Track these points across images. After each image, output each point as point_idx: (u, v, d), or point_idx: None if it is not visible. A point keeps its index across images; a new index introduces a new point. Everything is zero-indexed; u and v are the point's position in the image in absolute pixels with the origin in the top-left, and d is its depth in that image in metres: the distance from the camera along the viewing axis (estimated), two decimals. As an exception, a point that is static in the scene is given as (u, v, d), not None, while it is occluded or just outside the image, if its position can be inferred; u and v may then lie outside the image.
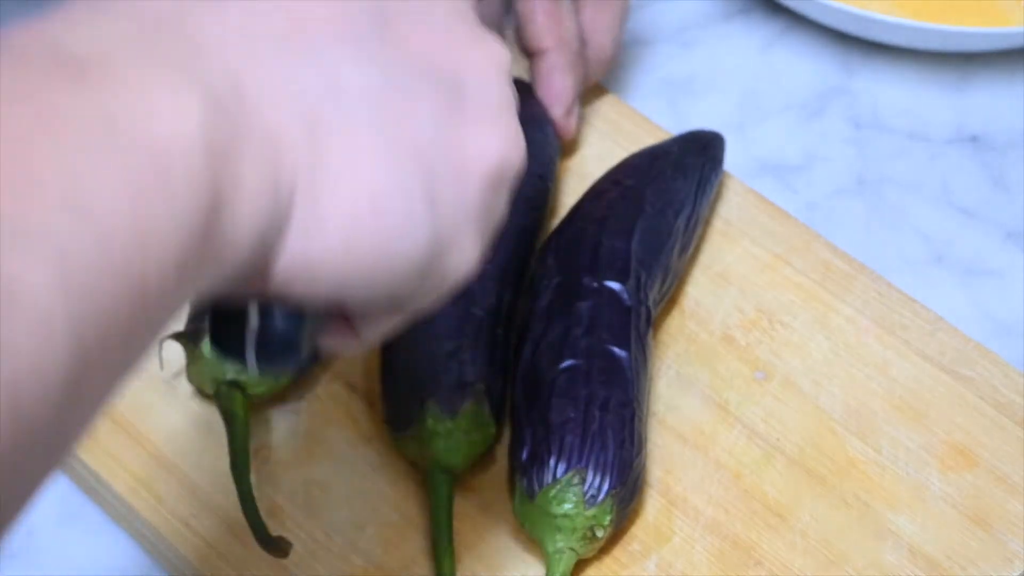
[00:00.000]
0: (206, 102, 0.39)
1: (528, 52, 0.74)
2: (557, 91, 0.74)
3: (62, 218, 0.35)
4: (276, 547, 0.60)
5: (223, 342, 0.46)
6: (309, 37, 0.43)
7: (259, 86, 0.41)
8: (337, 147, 0.42)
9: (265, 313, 0.45)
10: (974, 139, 0.79)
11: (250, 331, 0.45)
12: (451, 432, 0.63)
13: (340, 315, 0.47)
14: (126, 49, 0.39)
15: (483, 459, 0.64)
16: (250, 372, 0.47)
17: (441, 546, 0.61)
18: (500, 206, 0.48)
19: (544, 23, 0.73)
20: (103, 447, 0.65)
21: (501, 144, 0.46)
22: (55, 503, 0.66)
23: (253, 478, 0.62)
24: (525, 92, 0.73)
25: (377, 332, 0.48)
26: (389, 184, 0.43)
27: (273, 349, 0.45)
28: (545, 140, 0.72)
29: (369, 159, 0.43)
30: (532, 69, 0.74)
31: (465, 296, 0.65)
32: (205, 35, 0.41)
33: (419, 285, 0.45)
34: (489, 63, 0.47)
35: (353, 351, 0.49)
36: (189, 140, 0.38)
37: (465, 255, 0.46)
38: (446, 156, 0.45)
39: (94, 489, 0.65)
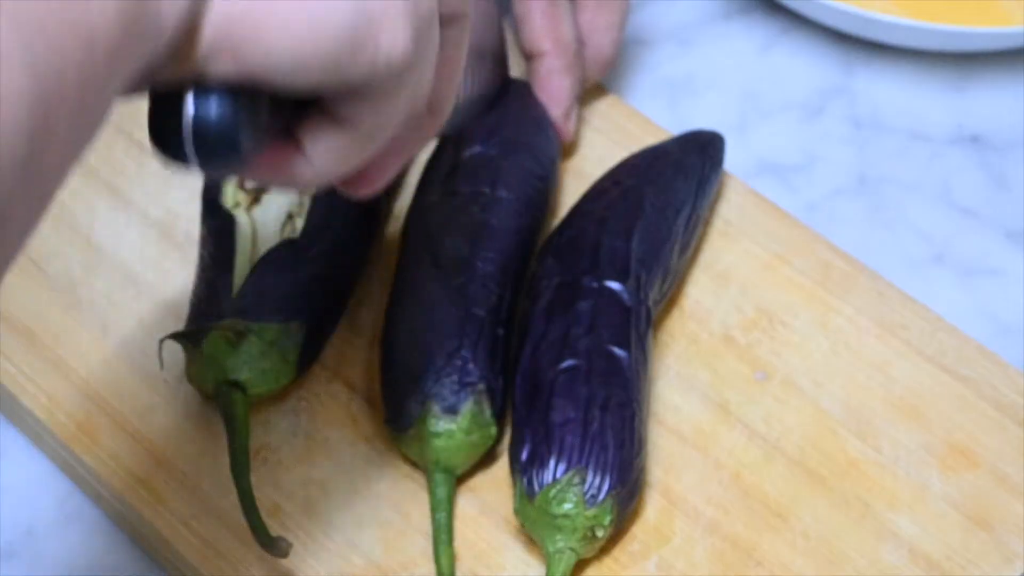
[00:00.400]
0: None
1: (526, 54, 0.74)
2: (555, 93, 0.73)
3: None
4: (276, 547, 0.59)
5: (161, 137, 0.45)
6: None
7: None
8: None
9: (201, 103, 0.44)
10: (974, 139, 0.79)
11: (186, 121, 0.44)
12: (451, 432, 0.63)
13: (287, 134, 0.47)
14: None
15: (484, 459, 0.64)
16: (191, 168, 0.46)
17: (440, 547, 0.61)
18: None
19: (542, 25, 0.73)
20: (103, 447, 0.65)
21: None
22: (55, 503, 0.66)
23: (253, 478, 0.62)
24: (525, 92, 0.74)
25: (328, 153, 0.48)
26: None
27: (211, 140, 0.45)
28: (546, 142, 0.72)
29: None
30: (530, 71, 0.74)
31: (465, 296, 0.65)
32: None
33: (350, 58, 0.45)
34: None
35: (307, 180, 0.49)
36: None
37: (396, 35, 0.46)
38: None
39: (94, 489, 0.65)
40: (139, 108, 0.44)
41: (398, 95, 0.48)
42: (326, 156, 0.49)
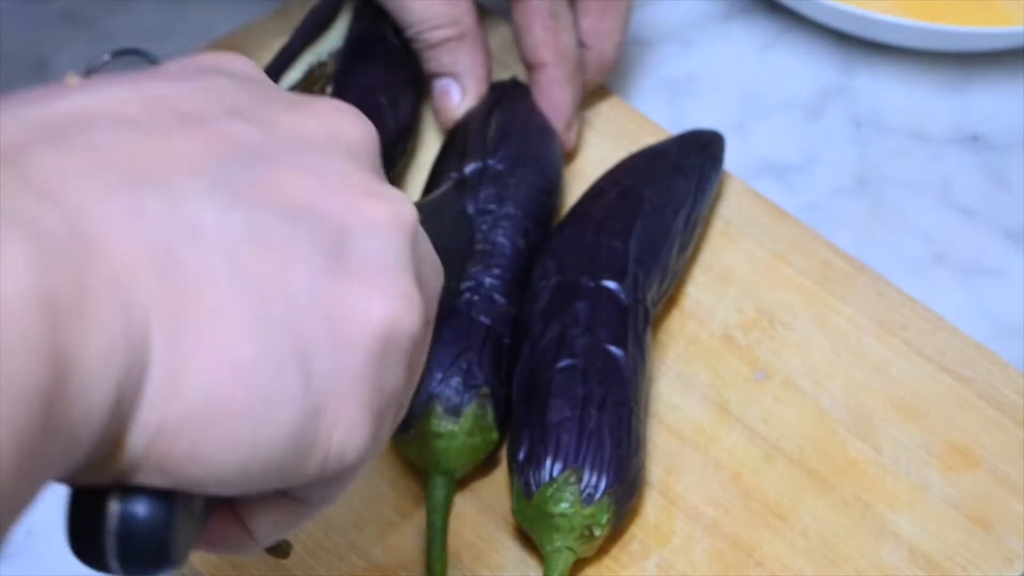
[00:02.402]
0: (38, 249, 0.34)
1: (527, 65, 0.74)
2: (557, 104, 0.73)
3: None
4: (276, 548, 0.59)
5: (80, 544, 0.39)
6: (165, 172, 0.38)
7: (104, 223, 0.36)
8: (195, 300, 0.37)
9: (127, 510, 0.38)
10: (974, 139, 0.79)
11: (110, 528, 0.38)
12: (453, 434, 0.62)
13: (226, 506, 0.42)
14: None
15: (483, 465, 0.64)
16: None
17: (434, 550, 0.61)
18: (395, 376, 0.41)
19: (542, 37, 0.72)
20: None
21: (389, 306, 0.40)
22: (55, 503, 0.66)
23: (253, 478, 0.62)
24: (529, 101, 0.73)
25: (274, 526, 0.43)
26: (253, 350, 0.38)
27: (138, 550, 0.38)
28: (551, 153, 0.72)
29: (231, 318, 0.37)
30: (531, 82, 0.74)
31: (471, 306, 0.65)
32: (45, 170, 0.36)
33: (298, 463, 0.40)
34: (385, 218, 0.41)
35: (249, 550, 0.43)
36: (20, 297, 0.34)
37: (352, 431, 0.40)
38: (324, 317, 0.39)
39: (94, 489, 0.65)
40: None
41: (354, 474, 0.43)
42: (269, 529, 0.43)
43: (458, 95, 0.73)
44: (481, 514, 0.63)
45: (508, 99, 0.73)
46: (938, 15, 0.79)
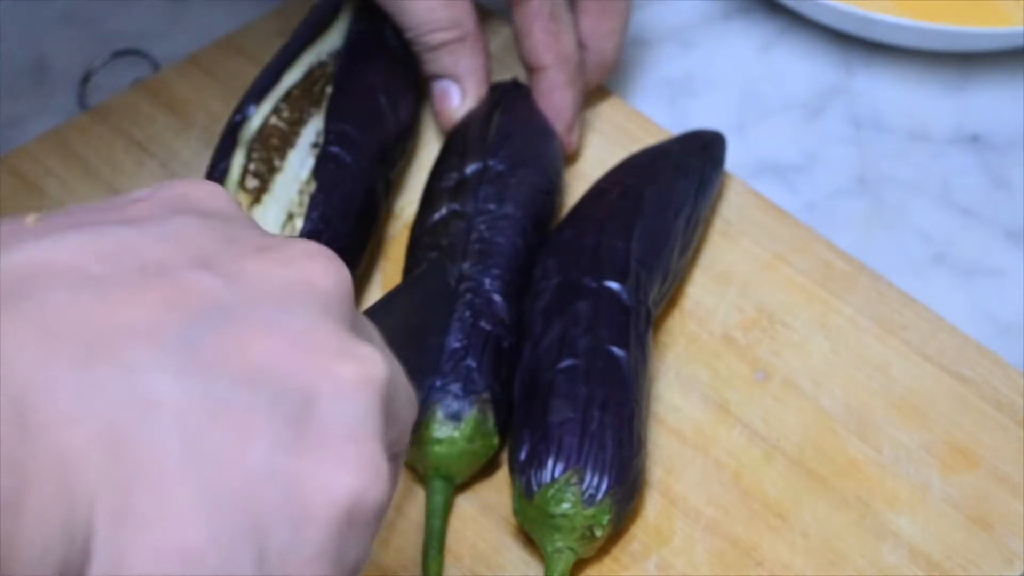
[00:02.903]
0: None
1: (527, 67, 0.73)
2: (558, 108, 0.73)
3: None
4: None
5: None
6: (121, 341, 0.36)
7: (52, 404, 0.35)
8: (143, 482, 0.36)
9: None
10: (974, 139, 0.79)
11: None
12: (453, 440, 0.62)
13: None
14: None
15: (484, 469, 0.64)
16: None
17: (430, 553, 0.61)
18: (358, 547, 0.39)
19: (543, 40, 0.72)
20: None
21: (353, 479, 0.38)
22: None
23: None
24: (530, 102, 0.73)
25: None
26: (202, 534, 0.36)
27: None
28: (551, 153, 0.72)
29: (180, 500, 0.36)
30: (532, 84, 0.74)
31: (472, 310, 0.65)
32: None
33: None
34: (354, 379, 0.39)
35: None
36: None
37: None
38: (282, 493, 0.37)
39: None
40: (138, 107, 0.44)
41: None
42: None
43: (458, 97, 0.73)
44: (482, 514, 0.63)
45: (508, 100, 0.73)
46: (938, 15, 0.79)
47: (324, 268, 0.41)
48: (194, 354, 0.37)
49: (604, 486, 0.60)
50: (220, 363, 0.37)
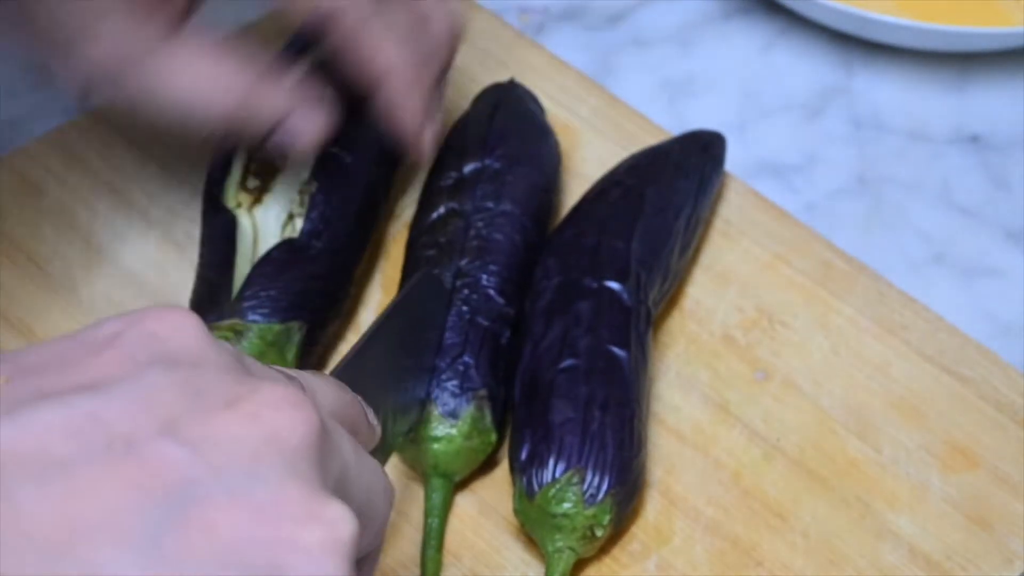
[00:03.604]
0: None
1: (367, 86, 0.67)
2: (400, 123, 0.67)
3: None
4: None
5: None
6: (83, 543, 0.37)
7: None
8: None
9: None
10: (974, 139, 0.79)
11: None
12: (451, 437, 0.62)
13: None
14: None
15: (482, 466, 0.64)
16: None
17: (429, 551, 0.61)
18: None
19: (365, 55, 0.65)
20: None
21: None
22: None
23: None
24: (526, 99, 0.73)
25: None
26: None
27: None
28: (548, 151, 0.72)
29: None
30: (375, 101, 0.67)
31: (469, 306, 0.65)
32: None
33: None
34: (320, 544, 0.40)
35: None
36: None
37: None
38: None
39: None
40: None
41: None
42: None
43: None
44: (482, 514, 0.63)
45: (507, 100, 0.73)
46: (938, 15, 0.79)
47: (291, 420, 0.41)
48: (160, 545, 0.38)
49: (605, 486, 0.61)
50: (186, 551, 0.38)
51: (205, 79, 0.63)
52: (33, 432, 0.38)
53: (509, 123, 0.71)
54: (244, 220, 0.67)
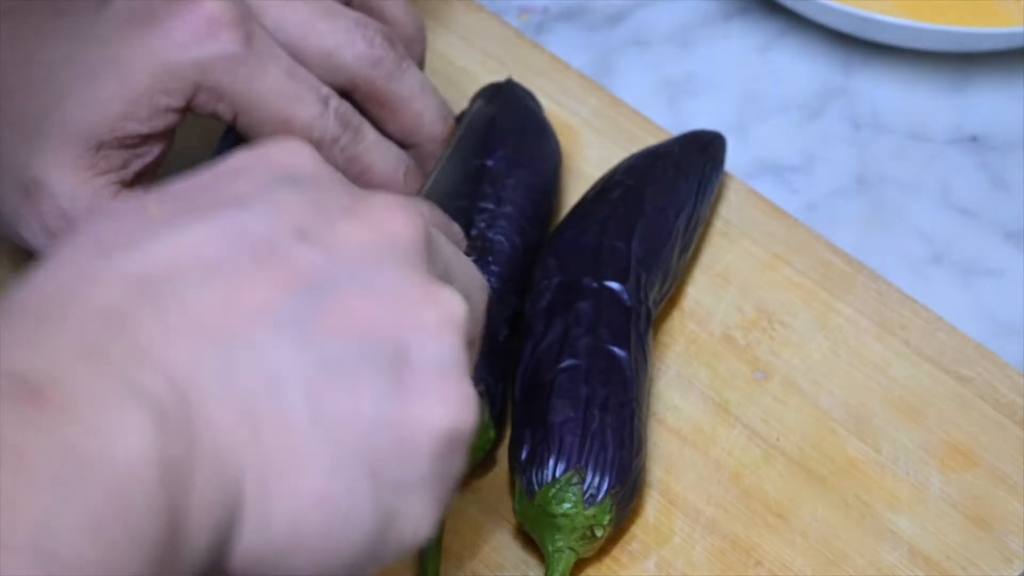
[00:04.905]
0: (157, 421, 0.40)
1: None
2: (379, 177, 0.66)
3: (31, 565, 0.37)
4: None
5: None
6: (244, 328, 0.43)
7: (202, 390, 0.42)
8: (278, 444, 0.42)
9: None
10: (974, 139, 0.80)
11: None
12: (449, 432, 0.63)
13: None
14: (74, 364, 0.40)
15: (481, 464, 0.64)
16: None
17: (428, 551, 0.61)
18: (455, 468, 0.46)
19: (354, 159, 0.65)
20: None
21: (449, 411, 0.45)
22: None
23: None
24: (526, 100, 0.73)
25: None
26: (329, 478, 0.43)
27: None
28: (548, 151, 0.71)
29: (309, 453, 0.43)
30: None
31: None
32: (147, 338, 0.42)
33: (373, 560, 0.45)
34: (438, 323, 0.46)
35: None
36: (146, 465, 0.39)
37: (419, 521, 0.45)
38: (391, 434, 0.44)
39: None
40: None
41: None
42: None
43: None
44: (482, 514, 0.64)
45: (505, 100, 0.72)
46: (938, 15, 0.79)
47: (403, 221, 0.46)
48: (307, 327, 0.43)
49: (605, 486, 0.61)
50: (328, 331, 0.44)
51: None
52: (189, 241, 0.44)
53: (508, 124, 0.71)
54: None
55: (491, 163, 0.69)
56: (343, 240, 0.45)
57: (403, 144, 0.67)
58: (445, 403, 0.45)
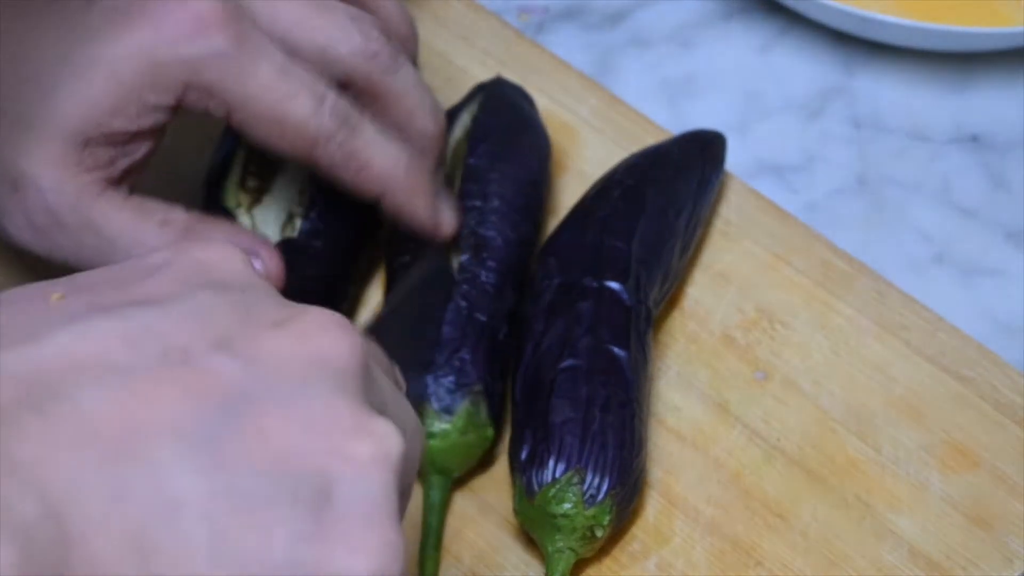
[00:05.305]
0: (22, 547, 0.35)
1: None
2: (413, 217, 0.65)
3: None
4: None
5: None
6: (143, 444, 0.38)
7: (84, 512, 0.37)
8: None
9: None
10: (974, 139, 0.79)
11: None
12: (447, 432, 0.63)
13: None
14: None
15: (481, 463, 0.64)
16: None
17: (427, 551, 0.61)
18: None
19: (380, 174, 0.63)
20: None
21: (372, 562, 0.39)
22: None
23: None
24: (509, 93, 0.73)
25: None
26: None
27: None
28: (534, 143, 0.71)
29: None
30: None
31: (468, 302, 0.65)
32: (30, 449, 0.37)
33: None
34: (371, 457, 0.40)
35: None
36: None
37: None
38: None
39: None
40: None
41: None
42: None
43: None
44: (482, 514, 0.63)
45: (486, 97, 0.72)
46: (938, 15, 0.79)
47: (337, 340, 0.42)
48: (216, 448, 0.39)
49: (605, 486, 0.61)
50: (241, 455, 0.39)
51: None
52: (92, 340, 0.39)
53: (491, 120, 0.71)
54: (244, 220, 0.67)
55: (472, 160, 0.69)
56: (268, 353, 0.41)
57: None
58: (368, 553, 0.39)
